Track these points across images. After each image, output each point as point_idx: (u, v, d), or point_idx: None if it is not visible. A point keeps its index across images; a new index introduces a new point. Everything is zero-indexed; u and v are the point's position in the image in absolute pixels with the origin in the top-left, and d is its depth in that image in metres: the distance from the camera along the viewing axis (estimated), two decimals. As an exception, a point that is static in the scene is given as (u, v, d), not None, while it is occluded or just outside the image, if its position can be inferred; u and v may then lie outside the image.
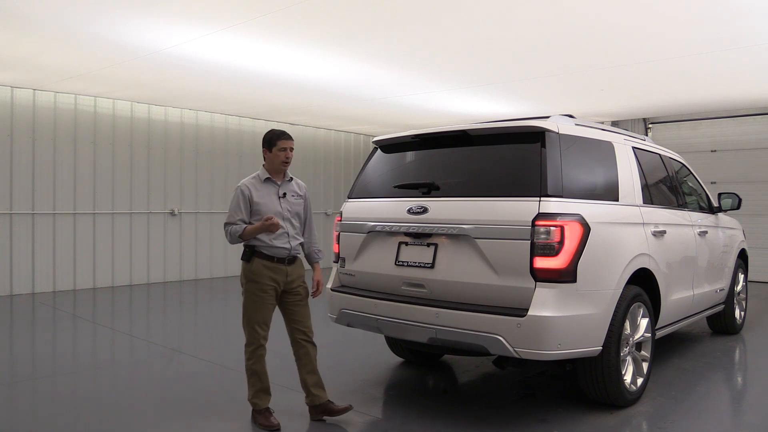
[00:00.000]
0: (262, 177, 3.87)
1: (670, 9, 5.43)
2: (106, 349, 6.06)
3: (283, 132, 3.88)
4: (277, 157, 3.82)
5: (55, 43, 6.65)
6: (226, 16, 5.71)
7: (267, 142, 3.85)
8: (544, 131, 3.82)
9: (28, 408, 4.25)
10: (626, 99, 9.89)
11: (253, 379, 3.80)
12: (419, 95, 9.41)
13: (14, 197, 9.00)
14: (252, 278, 3.77)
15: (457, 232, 3.85)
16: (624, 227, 4.18)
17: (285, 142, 3.83)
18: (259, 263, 3.77)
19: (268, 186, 3.86)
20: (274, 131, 3.88)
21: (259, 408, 3.79)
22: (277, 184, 3.88)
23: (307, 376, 3.89)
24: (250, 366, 3.79)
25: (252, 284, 3.77)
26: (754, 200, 10.23)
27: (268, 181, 3.87)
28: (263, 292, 3.76)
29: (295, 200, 3.93)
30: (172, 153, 10.83)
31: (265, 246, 3.77)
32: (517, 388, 4.62)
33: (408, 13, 5.69)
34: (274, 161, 3.84)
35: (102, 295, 9.21)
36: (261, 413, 3.78)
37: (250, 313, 3.79)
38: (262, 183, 3.86)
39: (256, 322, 3.76)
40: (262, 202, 3.79)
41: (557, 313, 3.51)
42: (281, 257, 3.81)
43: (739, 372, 5.45)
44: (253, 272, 3.76)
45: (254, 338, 3.77)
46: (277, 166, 3.85)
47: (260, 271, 3.76)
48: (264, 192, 3.83)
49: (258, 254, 3.78)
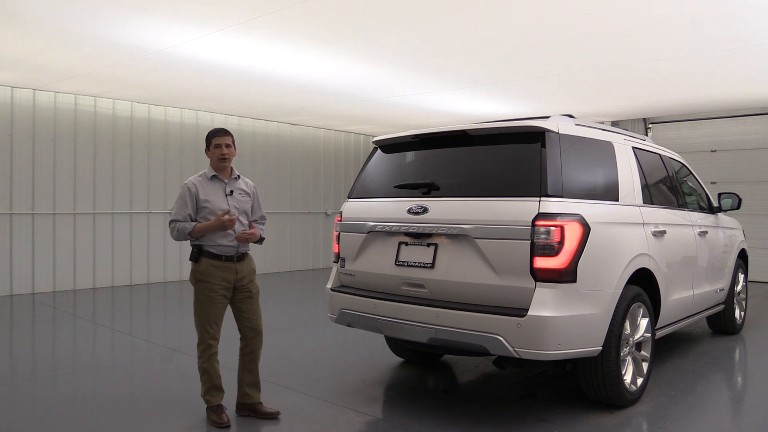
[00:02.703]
0: (209, 175, 3.91)
1: (670, 9, 5.43)
2: (106, 349, 6.06)
3: (219, 129, 3.95)
4: (214, 155, 3.90)
5: (55, 43, 6.65)
6: (226, 16, 5.71)
7: (206, 142, 3.95)
8: (544, 131, 3.83)
9: (28, 408, 4.25)
10: (626, 99, 9.89)
11: (204, 377, 3.84)
12: (419, 95, 9.41)
13: (14, 197, 9.00)
14: (201, 278, 3.78)
15: (457, 232, 3.85)
16: (624, 227, 4.18)
17: (219, 139, 3.90)
18: (207, 263, 3.78)
19: (215, 183, 3.89)
20: (211, 130, 3.98)
21: (212, 405, 3.83)
22: (224, 182, 3.91)
23: (246, 374, 3.94)
24: (201, 364, 3.83)
25: (201, 284, 3.79)
26: (754, 200, 10.23)
27: (215, 178, 3.90)
28: (212, 291, 3.78)
29: (242, 198, 3.95)
30: (172, 153, 10.83)
31: (212, 245, 3.78)
32: (517, 388, 4.62)
33: (408, 13, 5.69)
34: (212, 159, 3.92)
35: (102, 295, 9.21)
36: (213, 410, 3.82)
37: (200, 312, 3.82)
38: (208, 180, 3.89)
39: (207, 321, 3.79)
40: (209, 200, 3.81)
41: (557, 313, 3.51)
42: (229, 255, 3.81)
43: (739, 372, 5.45)
44: (201, 272, 3.78)
45: (205, 337, 3.80)
46: (216, 163, 3.90)
47: (209, 271, 3.77)
48: (210, 189, 3.86)
49: (205, 254, 3.79)
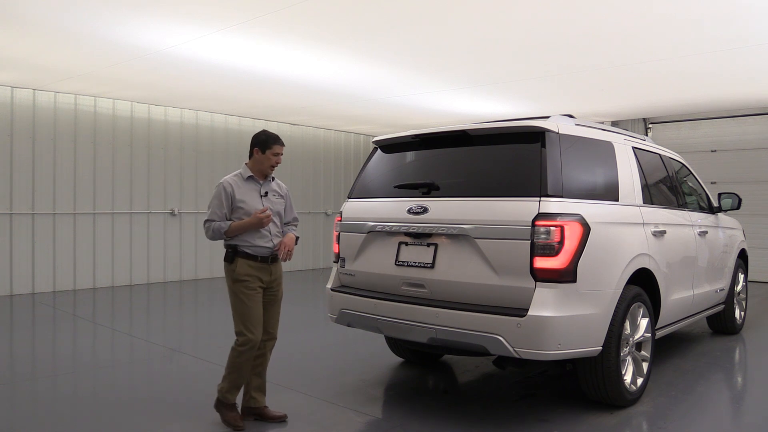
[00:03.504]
0: (245, 175, 3.87)
1: (670, 9, 5.43)
2: (106, 349, 6.06)
3: (279, 137, 3.88)
4: (269, 160, 3.83)
5: (55, 43, 6.65)
6: (226, 16, 5.71)
7: (262, 144, 3.84)
8: (544, 131, 3.82)
9: (28, 408, 4.25)
10: (626, 99, 9.89)
11: (233, 375, 3.75)
12: (419, 95, 9.41)
13: (14, 197, 9.00)
14: (239, 278, 3.74)
15: (457, 232, 3.85)
16: (624, 227, 4.18)
17: (279, 148, 3.85)
18: (243, 263, 3.76)
19: (251, 184, 3.87)
20: (269, 134, 3.88)
21: (230, 402, 3.78)
22: (260, 183, 3.89)
23: (254, 377, 3.89)
24: (235, 359, 3.73)
25: (240, 284, 3.75)
26: (754, 200, 10.23)
27: (250, 179, 3.88)
28: (252, 290, 3.74)
29: (276, 200, 3.94)
30: (172, 153, 10.83)
31: (248, 245, 3.76)
32: (517, 388, 4.62)
33: (408, 13, 5.69)
34: (264, 163, 3.84)
35: (102, 295, 9.21)
36: (230, 408, 3.77)
37: (241, 312, 3.74)
38: (244, 181, 3.86)
39: (250, 321, 3.73)
40: (244, 200, 3.79)
41: (557, 313, 3.51)
42: (264, 256, 3.80)
43: (739, 372, 5.45)
44: (239, 272, 3.75)
45: (247, 337, 3.71)
46: (266, 169, 3.86)
47: (246, 270, 3.74)
48: (246, 190, 3.83)
49: (241, 254, 3.77)
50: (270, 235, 3.82)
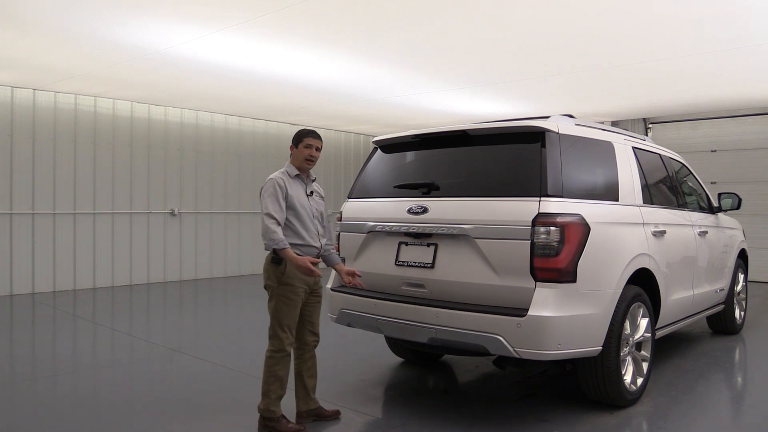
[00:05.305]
0: (292, 173, 3.83)
1: (670, 9, 5.43)
2: (106, 349, 6.06)
3: (313, 131, 3.87)
4: (302, 153, 3.80)
5: (55, 43, 6.65)
6: (226, 16, 5.71)
7: (295, 138, 3.85)
8: (544, 131, 3.82)
9: (28, 408, 4.25)
10: (626, 99, 9.89)
11: (275, 386, 3.63)
12: (419, 95, 9.41)
13: (14, 197, 9.00)
14: (286, 281, 3.62)
15: (457, 232, 3.85)
16: (624, 227, 4.18)
17: (312, 140, 3.82)
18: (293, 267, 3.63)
19: (298, 182, 3.83)
20: (304, 129, 3.89)
21: (277, 415, 3.65)
22: (305, 182, 3.87)
23: (309, 379, 3.85)
24: (275, 370, 3.62)
25: (285, 287, 3.63)
26: (754, 200, 10.23)
27: (297, 177, 3.84)
28: (296, 294, 3.65)
29: (319, 200, 3.93)
30: (172, 153, 10.83)
31: (302, 245, 3.69)
32: (517, 388, 4.62)
33: (408, 13, 5.69)
34: (298, 156, 3.82)
35: (102, 295, 9.21)
36: (281, 420, 3.65)
37: (281, 317, 3.63)
38: (291, 178, 3.82)
39: (288, 325, 3.64)
40: (294, 195, 3.74)
41: (557, 313, 3.51)
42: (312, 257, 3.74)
43: (739, 372, 5.45)
44: (286, 275, 3.62)
45: (284, 343, 3.62)
46: (301, 162, 3.82)
47: (294, 274, 3.63)
48: (294, 186, 3.79)
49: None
50: (318, 235, 3.81)
